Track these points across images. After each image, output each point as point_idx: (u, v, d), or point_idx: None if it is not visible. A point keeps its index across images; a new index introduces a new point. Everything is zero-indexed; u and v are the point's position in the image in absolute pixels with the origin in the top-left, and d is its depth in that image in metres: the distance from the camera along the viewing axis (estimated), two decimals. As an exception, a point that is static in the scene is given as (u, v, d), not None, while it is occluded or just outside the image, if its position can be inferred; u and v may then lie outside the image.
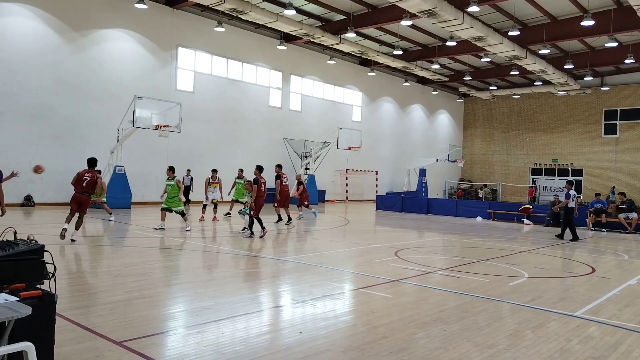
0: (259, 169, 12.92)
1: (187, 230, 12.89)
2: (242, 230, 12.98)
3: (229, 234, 13.32)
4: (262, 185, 12.50)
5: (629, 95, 34.53)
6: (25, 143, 18.56)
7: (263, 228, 12.38)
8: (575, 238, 14.54)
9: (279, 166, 16.14)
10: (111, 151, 19.65)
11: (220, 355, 4.33)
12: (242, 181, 16.24)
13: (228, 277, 7.86)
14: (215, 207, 16.42)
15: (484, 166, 41.83)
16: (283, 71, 27.98)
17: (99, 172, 12.46)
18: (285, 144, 28.02)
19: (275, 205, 16.00)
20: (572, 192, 14.98)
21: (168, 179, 13.54)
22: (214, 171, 16.95)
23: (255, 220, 12.39)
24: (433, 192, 35.20)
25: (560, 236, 14.92)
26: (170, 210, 13.11)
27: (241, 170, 17.11)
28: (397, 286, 7.42)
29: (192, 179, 19.67)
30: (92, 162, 11.12)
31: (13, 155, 18.17)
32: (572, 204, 14.84)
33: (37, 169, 10.66)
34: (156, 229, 12.85)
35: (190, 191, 19.63)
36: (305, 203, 17.36)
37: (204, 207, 16.87)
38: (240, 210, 13.59)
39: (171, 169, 13.78)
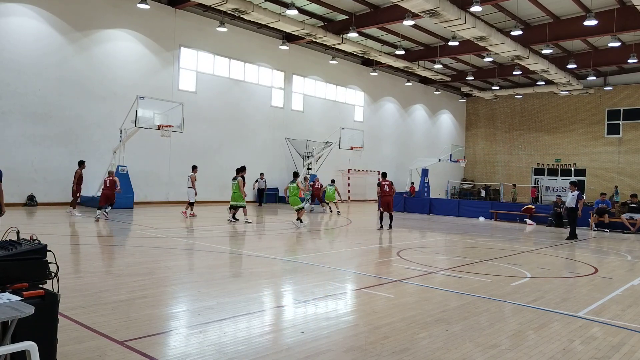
0: (382, 175, 16.12)
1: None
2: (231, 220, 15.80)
3: (231, 234, 13.33)
4: (385, 186, 15.41)
5: (632, 95, 34.43)
6: (29, 143, 18.61)
7: (381, 226, 15.46)
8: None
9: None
10: (114, 151, 19.69)
11: (222, 355, 4.33)
12: (236, 182, 16.25)
13: (230, 277, 7.87)
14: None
15: (486, 166, 41.76)
16: (285, 71, 27.99)
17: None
18: (287, 144, 28.03)
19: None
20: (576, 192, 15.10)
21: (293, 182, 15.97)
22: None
23: (383, 216, 15.51)
24: (435, 192, 35.18)
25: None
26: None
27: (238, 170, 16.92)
28: (399, 286, 7.42)
29: (266, 182, 23.76)
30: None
31: (17, 154, 18.26)
32: (573, 204, 14.94)
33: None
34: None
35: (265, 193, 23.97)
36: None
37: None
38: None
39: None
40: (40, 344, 2.98)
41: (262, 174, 23.39)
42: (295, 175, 17.11)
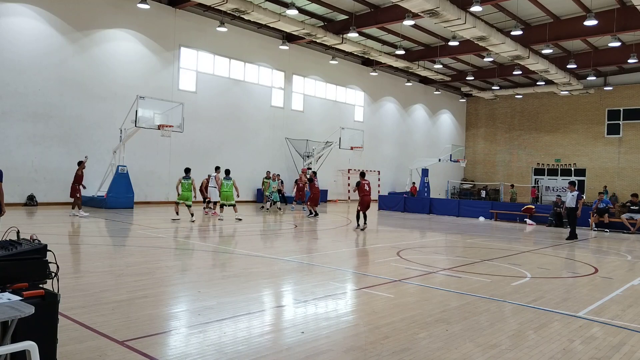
0: (361, 174, 16.30)
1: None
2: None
3: (231, 234, 13.34)
4: (365, 185, 15.46)
5: (632, 95, 34.43)
6: (29, 143, 18.61)
7: (357, 225, 15.26)
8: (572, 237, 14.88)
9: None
10: (114, 151, 19.69)
11: (222, 354, 4.33)
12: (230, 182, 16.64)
13: (230, 277, 7.86)
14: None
15: (486, 166, 41.76)
16: (285, 71, 27.99)
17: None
18: (287, 144, 28.03)
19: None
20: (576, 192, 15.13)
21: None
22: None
23: (360, 215, 15.30)
24: (435, 192, 35.17)
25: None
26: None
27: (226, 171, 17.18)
28: (399, 286, 7.42)
29: (282, 182, 23.55)
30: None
31: (17, 154, 18.26)
32: (573, 204, 14.96)
33: None
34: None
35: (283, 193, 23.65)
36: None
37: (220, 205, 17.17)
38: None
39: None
40: (40, 344, 2.98)
41: (278, 175, 23.51)
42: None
